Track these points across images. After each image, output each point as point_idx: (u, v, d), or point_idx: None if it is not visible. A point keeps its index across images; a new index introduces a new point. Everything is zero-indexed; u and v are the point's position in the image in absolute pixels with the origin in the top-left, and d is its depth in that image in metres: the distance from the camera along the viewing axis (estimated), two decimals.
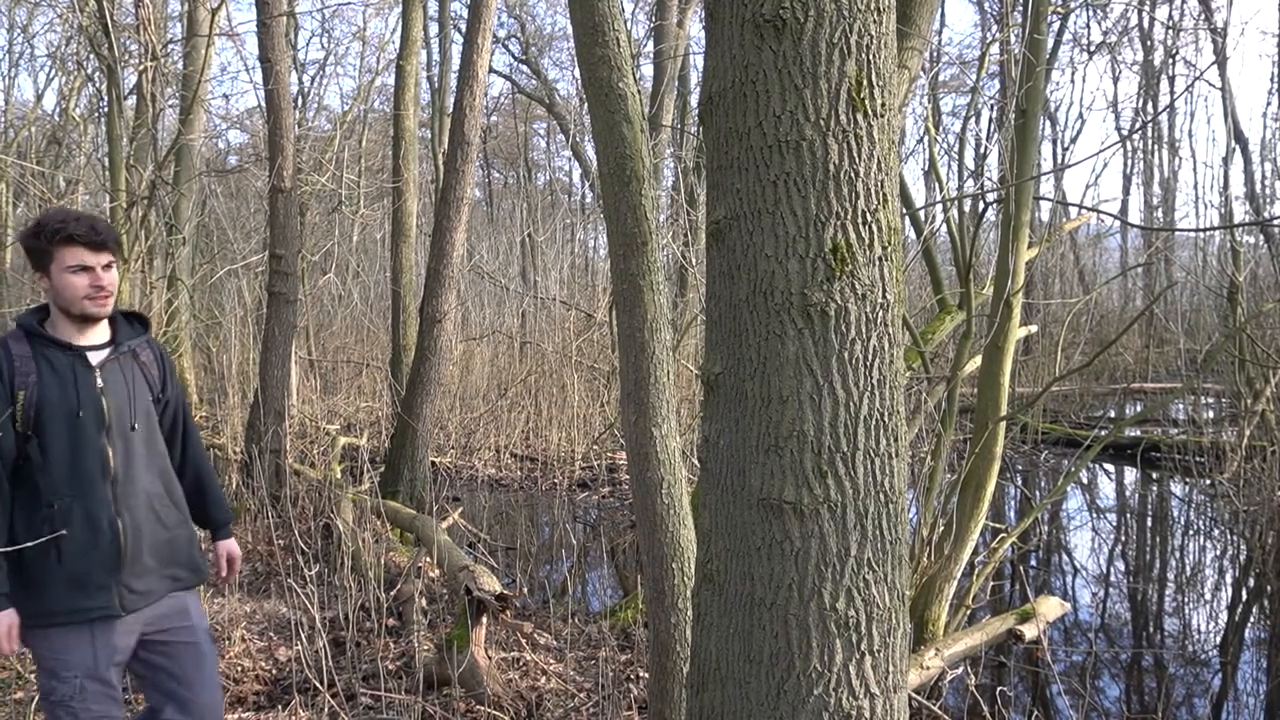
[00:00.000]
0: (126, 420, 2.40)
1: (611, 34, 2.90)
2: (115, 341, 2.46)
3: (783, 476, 1.66)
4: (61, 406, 2.31)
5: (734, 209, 1.71)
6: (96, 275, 2.35)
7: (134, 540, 2.38)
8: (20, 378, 2.31)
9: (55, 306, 2.38)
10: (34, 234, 2.36)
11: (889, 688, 1.69)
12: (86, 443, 2.33)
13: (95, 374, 2.38)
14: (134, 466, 2.41)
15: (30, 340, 2.36)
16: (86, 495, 2.32)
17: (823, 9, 1.62)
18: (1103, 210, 7.78)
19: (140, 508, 2.40)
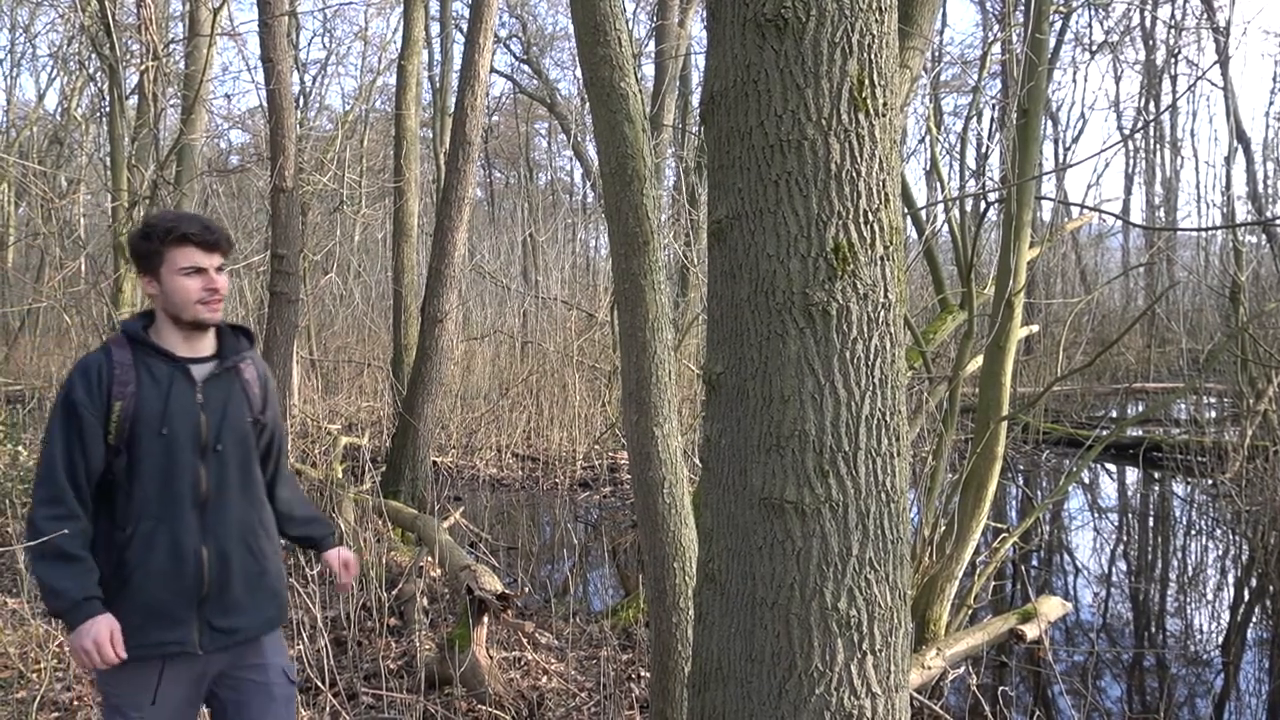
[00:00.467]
0: (223, 441, 2.23)
1: (613, 33, 2.90)
2: (221, 355, 2.29)
3: (784, 476, 1.66)
4: (157, 421, 2.15)
5: (736, 208, 1.71)
6: (210, 278, 2.21)
7: (220, 572, 2.20)
8: (119, 386, 2.15)
9: (163, 313, 2.22)
10: (144, 235, 2.22)
11: (891, 687, 1.69)
12: (179, 462, 2.17)
13: (196, 389, 2.21)
14: (227, 491, 2.23)
15: (133, 347, 2.20)
16: (173, 519, 2.15)
17: (824, 8, 1.62)
18: (1104, 210, 7.79)
19: (231, 537, 2.23)
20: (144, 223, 2.25)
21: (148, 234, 2.21)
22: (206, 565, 2.17)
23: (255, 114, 16.11)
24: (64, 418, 2.13)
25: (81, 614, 2.06)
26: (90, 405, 2.12)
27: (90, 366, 2.16)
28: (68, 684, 3.88)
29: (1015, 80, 5.34)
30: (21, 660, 4.02)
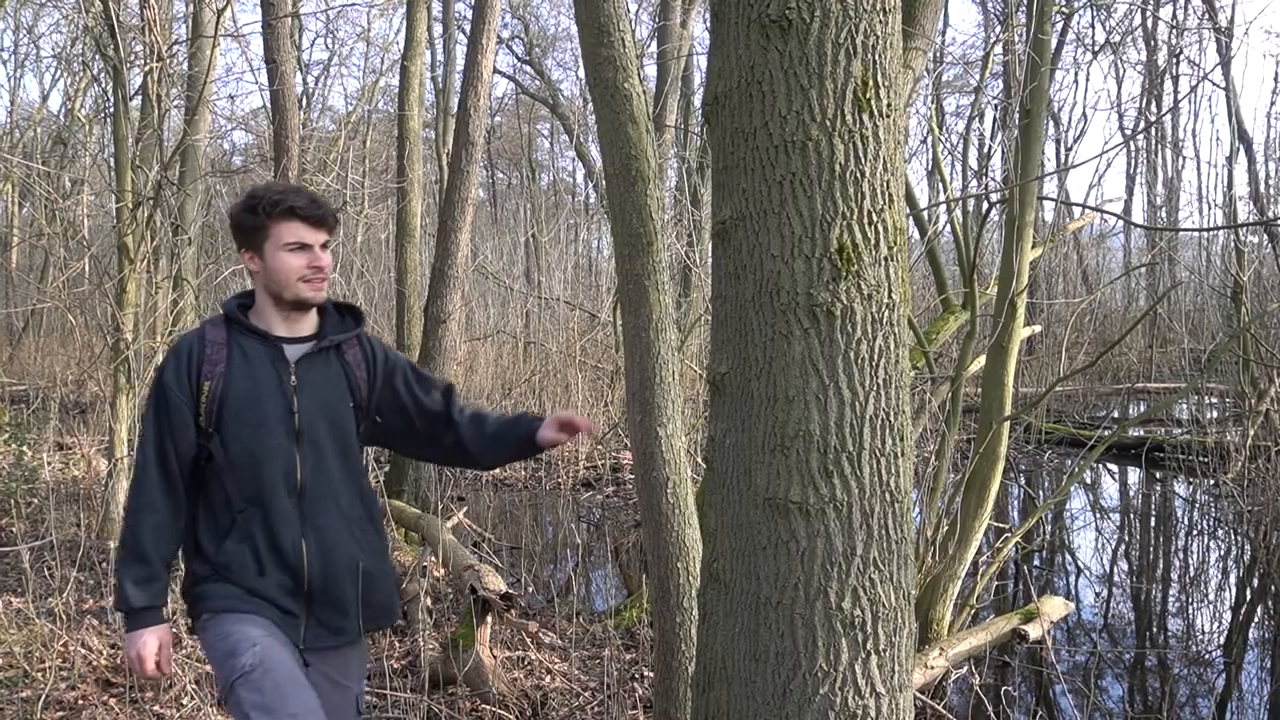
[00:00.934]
0: (319, 425, 2.10)
1: (616, 34, 2.91)
2: (321, 335, 2.17)
3: (789, 476, 1.66)
4: (247, 403, 2.05)
5: (740, 209, 1.72)
6: (315, 254, 2.10)
7: (322, 566, 2.08)
8: (208, 366, 2.06)
9: (264, 291, 2.13)
10: (248, 208, 2.10)
11: (895, 687, 1.69)
12: (271, 447, 2.05)
13: (290, 370, 2.10)
14: (326, 480, 2.10)
15: (229, 327, 2.12)
16: (268, 508, 2.05)
17: (829, 9, 1.62)
18: (1106, 210, 7.79)
19: (333, 528, 2.10)
20: (249, 194, 2.13)
21: (252, 206, 2.10)
22: (307, 558, 2.06)
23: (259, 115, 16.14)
24: (154, 398, 2.07)
25: (136, 622, 2.02)
26: (178, 385, 2.04)
27: (182, 346, 2.09)
28: (72, 683, 3.89)
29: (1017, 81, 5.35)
30: (26, 659, 4.03)
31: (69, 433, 8.71)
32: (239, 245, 2.16)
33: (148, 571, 2.01)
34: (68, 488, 7.00)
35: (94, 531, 5.94)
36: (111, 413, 6.24)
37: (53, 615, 4.39)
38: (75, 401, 10.75)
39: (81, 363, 11.68)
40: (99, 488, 6.51)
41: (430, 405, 2.28)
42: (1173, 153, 21.47)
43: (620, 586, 6.65)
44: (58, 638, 4.19)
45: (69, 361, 12.42)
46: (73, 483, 7.19)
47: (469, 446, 2.29)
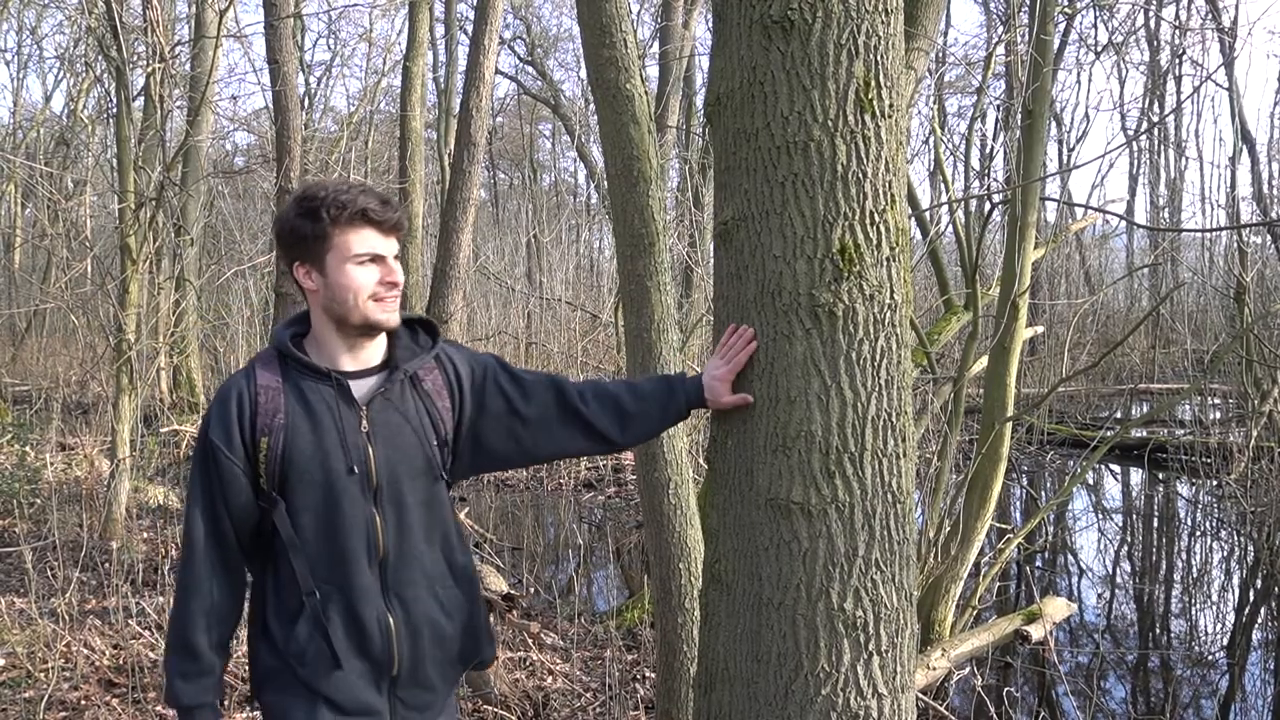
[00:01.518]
0: (400, 477, 1.77)
1: (619, 35, 2.91)
2: (391, 364, 1.82)
3: (790, 476, 1.66)
4: (315, 460, 1.71)
5: (742, 210, 1.72)
6: (388, 267, 1.75)
7: (411, 644, 1.78)
8: (264, 418, 1.71)
9: (325, 314, 1.77)
10: (307, 212, 1.73)
11: (897, 688, 1.69)
12: (347, 511, 1.73)
13: (360, 414, 1.75)
14: (410, 541, 1.78)
15: (282, 364, 1.76)
16: (347, 583, 1.73)
17: (831, 10, 1.62)
18: (1109, 211, 7.78)
19: (420, 598, 1.79)
20: (305, 196, 1.76)
21: (312, 210, 1.73)
22: (395, 638, 1.76)
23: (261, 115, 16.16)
24: (200, 461, 1.74)
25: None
26: (229, 445, 1.71)
27: (229, 395, 1.74)
28: (75, 683, 3.89)
29: (1020, 81, 5.34)
30: (29, 660, 4.04)
31: (71, 433, 8.73)
32: (290, 259, 1.77)
33: (197, 665, 1.73)
34: (70, 488, 7.00)
35: (96, 532, 5.95)
36: (114, 413, 6.25)
37: (55, 615, 4.40)
38: (78, 402, 10.76)
39: (84, 363, 11.70)
40: (101, 488, 6.52)
41: (536, 412, 1.91)
42: (1175, 153, 21.45)
43: (622, 587, 6.65)
44: (60, 638, 4.20)
45: (71, 362, 12.43)
46: (75, 483, 7.20)
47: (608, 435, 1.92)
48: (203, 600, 1.73)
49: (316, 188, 1.76)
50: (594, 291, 16.04)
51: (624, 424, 1.92)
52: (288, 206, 1.79)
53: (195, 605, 1.72)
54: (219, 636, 1.75)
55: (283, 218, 1.78)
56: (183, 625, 1.73)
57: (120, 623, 4.42)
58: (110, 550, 5.60)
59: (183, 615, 1.73)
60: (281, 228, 1.78)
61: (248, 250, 12.33)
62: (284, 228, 1.77)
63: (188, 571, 1.73)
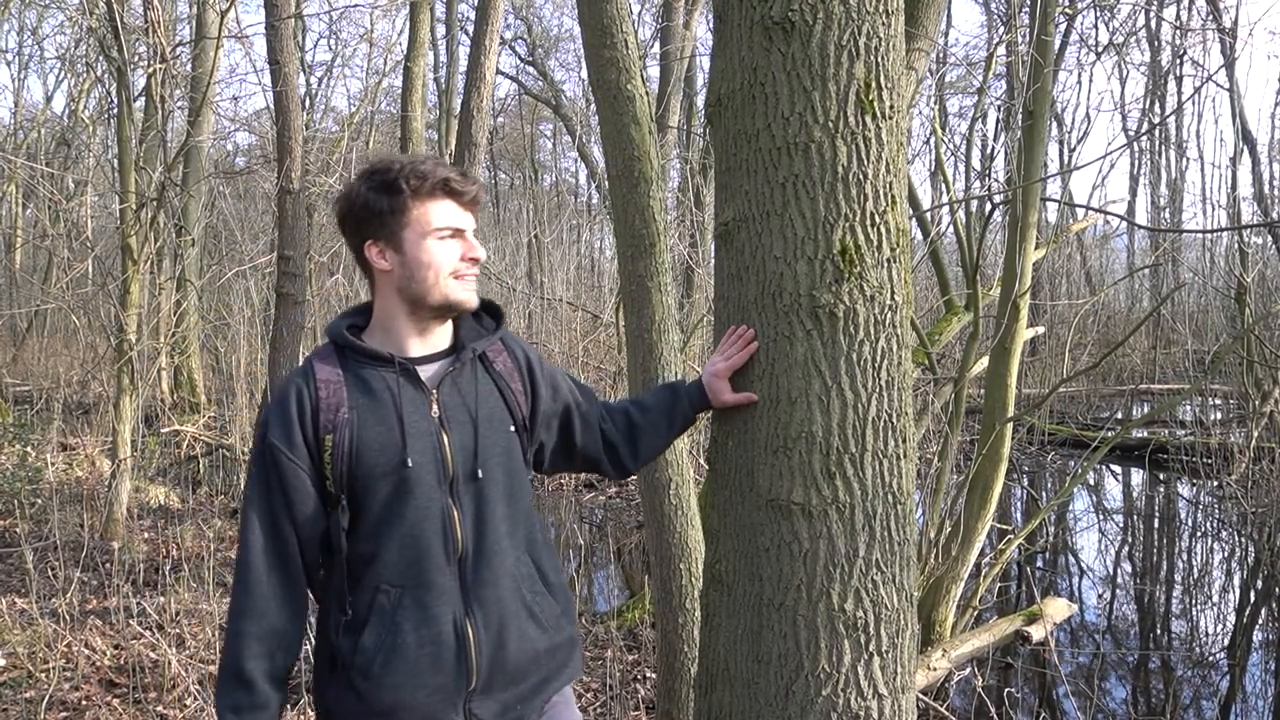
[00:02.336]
0: (477, 465, 1.63)
1: (620, 36, 2.91)
2: (458, 347, 1.71)
3: (791, 477, 1.66)
4: (385, 451, 1.58)
5: (742, 211, 1.72)
6: (469, 243, 1.66)
7: (492, 652, 1.61)
8: (327, 414, 1.58)
9: (398, 296, 1.64)
10: (383, 185, 1.61)
11: (897, 689, 1.69)
12: (422, 504, 1.58)
13: (430, 399, 1.62)
14: (491, 537, 1.64)
15: (341, 357, 1.64)
16: (421, 585, 1.58)
17: (831, 11, 1.62)
18: (1110, 211, 7.78)
19: (503, 599, 1.63)
20: (378, 169, 1.64)
21: (389, 182, 1.61)
22: (474, 645, 1.59)
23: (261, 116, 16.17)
24: (260, 469, 1.59)
25: None
26: (291, 446, 1.57)
27: (288, 394, 1.61)
28: (75, 684, 3.90)
29: (1020, 82, 5.34)
30: (30, 660, 4.04)
31: (72, 433, 8.73)
32: (361, 237, 1.65)
33: (250, 698, 1.54)
34: (71, 488, 7.01)
35: (97, 532, 5.95)
36: (115, 413, 6.26)
37: (56, 616, 4.40)
38: (79, 402, 10.77)
39: (85, 363, 11.71)
40: (102, 488, 6.52)
41: (593, 419, 1.86)
42: (1176, 154, 21.44)
43: (623, 587, 6.65)
44: (61, 638, 4.20)
45: (72, 362, 12.44)
46: (76, 483, 7.20)
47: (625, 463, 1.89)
48: (260, 623, 1.55)
49: (388, 160, 1.64)
50: (595, 292, 16.04)
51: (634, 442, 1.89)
52: (355, 182, 1.66)
53: (251, 628, 1.54)
54: (278, 666, 1.56)
55: (352, 194, 1.65)
56: (236, 651, 1.54)
57: (121, 623, 4.42)
58: (111, 550, 5.60)
59: (236, 640, 1.55)
60: (351, 204, 1.65)
61: (249, 250, 12.34)
62: (354, 203, 1.64)
63: (243, 591, 1.55)
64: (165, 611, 4.52)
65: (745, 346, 1.71)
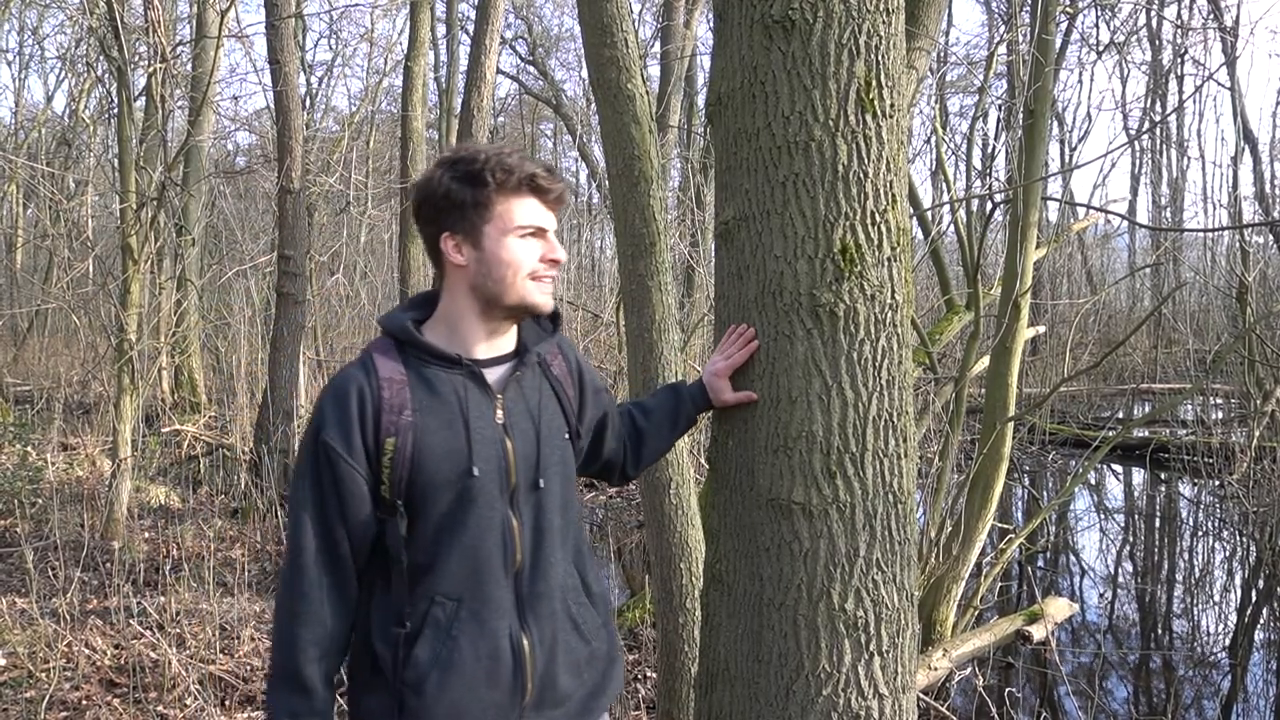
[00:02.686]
0: (537, 474, 1.58)
1: (620, 35, 2.91)
2: (521, 350, 1.64)
3: (791, 477, 1.66)
4: (448, 459, 1.50)
5: (743, 209, 1.72)
6: (550, 243, 1.58)
7: (545, 665, 1.56)
8: (389, 415, 1.49)
9: (471, 294, 1.57)
10: (467, 176, 1.53)
11: (898, 688, 1.69)
12: (484, 514, 1.52)
13: (495, 404, 1.56)
14: (546, 548, 1.58)
15: (402, 353, 1.55)
16: (479, 598, 1.52)
17: (832, 10, 1.62)
18: (1111, 210, 7.77)
19: (555, 614, 1.58)
20: (462, 158, 1.56)
21: (474, 174, 1.53)
22: (530, 657, 1.54)
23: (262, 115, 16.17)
24: (313, 468, 1.51)
25: None
26: (348, 446, 1.49)
27: (347, 389, 1.51)
28: (76, 683, 3.89)
29: (1021, 81, 5.34)
30: (30, 660, 4.04)
31: (73, 433, 8.73)
32: (438, 229, 1.57)
33: (310, 703, 1.49)
34: (71, 488, 7.01)
35: (98, 532, 5.95)
36: (115, 413, 6.25)
37: (56, 615, 4.40)
38: (79, 402, 10.77)
39: (85, 363, 11.71)
40: (102, 488, 6.53)
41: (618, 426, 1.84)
42: (1178, 153, 21.43)
43: (623, 587, 6.64)
44: (61, 638, 4.20)
45: (73, 362, 12.45)
46: (76, 483, 7.20)
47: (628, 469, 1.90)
48: (315, 628, 1.49)
49: (474, 150, 1.56)
50: (595, 291, 16.04)
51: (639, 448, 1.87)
52: (437, 170, 1.58)
53: (307, 634, 1.48)
54: (331, 669, 1.52)
55: (432, 182, 1.56)
56: (292, 655, 1.48)
57: (121, 623, 4.42)
58: (111, 550, 5.60)
59: (292, 644, 1.48)
60: (431, 192, 1.56)
61: (249, 250, 12.35)
62: (434, 193, 1.56)
63: (297, 596, 1.49)
64: (165, 611, 4.52)
65: (746, 345, 1.70)
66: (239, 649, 4.30)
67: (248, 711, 3.78)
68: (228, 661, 4.10)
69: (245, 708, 3.82)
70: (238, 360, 9.91)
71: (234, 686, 3.90)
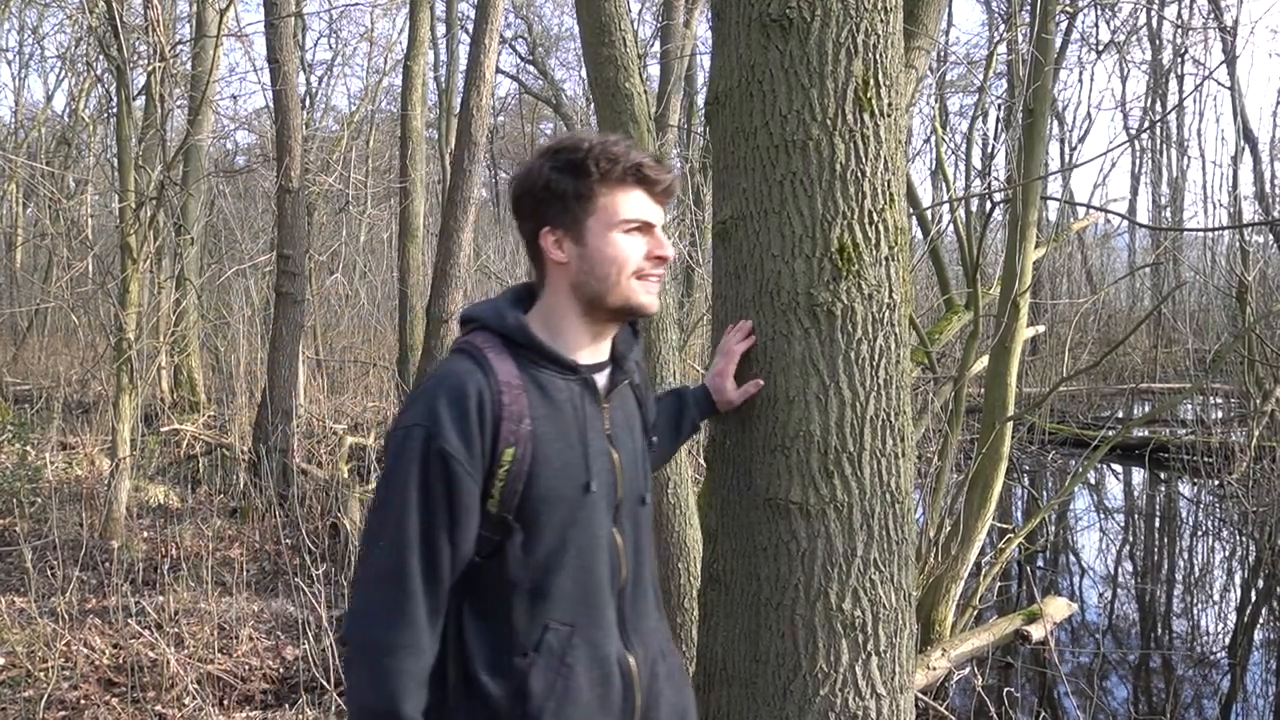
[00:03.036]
0: (635, 489, 1.49)
1: (618, 34, 2.91)
2: (617, 356, 1.52)
3: (789, 476, 1.66)
4: (564, 473, 1.38)
5: (740, 209, 1.71)
6: (658, 240, 1.47)
7: (649, 684, 1.47)
8: (510, 423, 1.35)
9: (574, 293, 1.45)
10: (569, 166, 1.42)
11: (895, 688, 1.69)
12: (595, 534, 1.41)
13: (604, 413, 1.46)
14: (645, 564, 1.51)
15: (514, 354, 1.41)
16: (592, 620, 1.41)
17: (829, 8, 1.62)
18: (1110, 210, 7.78)
19: (652, 632, 1.51)
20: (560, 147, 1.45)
21: (577, 163, 1.42)
22: (638, 680, 1.45)
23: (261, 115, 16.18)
24: (422, 476, 1.32)
25: None
26: (468, 453, 1.32)
27: (465, 390, 1.35)
28: (74, 683, 3.89)
29: (1021, 80, 5.33)
30: (29, 659, 4.04)
31: (72, 432, 8.73)
32: (537, 223, 1.46)
33: None
34: (70, 487, 7.01)
35: (96, 531, 5.95)
36: (114, 412, 6.25)
37: (55, 615, 4.40)
38: (79, 401, 10.77)
39: (85, 362, 11.71)
40: (101, 487, 6.52)
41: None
42: (1178, 152, 21.43)
43: None
44: (60, 637, 4.20)
45: (73, 361, 12.44)
46: (75, 482, 7.20)
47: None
48: (419, 660, 1.33)
49: (577, 138, 1.45)
50: None
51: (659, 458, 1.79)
52: (537, 160, 1.46)
53: (411, 667, 1.32)
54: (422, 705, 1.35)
55: (532, 173, 1.45)
56: (393, 693, 1.30)
57: (120, 622, 4.42)
58: (110, 549, 5.60)
59: (394, 680, 1.30)
60: (531, 184, 1.45)
61: (248, 249, 12.35)
62: (535, 184, 1.44)
63: (401, 624, 1.31)
64: (164, 611, 4.52)
65: (744, 340, 1.69)
66: (237, 649, 4.30)
67: (245, 711, 3.78)
68: (226, 661, 4.10)
69: (243, 707, 3.82)
70: (237, 360, 9.91)
71: (232, 686, 3.90)
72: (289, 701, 3.86)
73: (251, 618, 4.71)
